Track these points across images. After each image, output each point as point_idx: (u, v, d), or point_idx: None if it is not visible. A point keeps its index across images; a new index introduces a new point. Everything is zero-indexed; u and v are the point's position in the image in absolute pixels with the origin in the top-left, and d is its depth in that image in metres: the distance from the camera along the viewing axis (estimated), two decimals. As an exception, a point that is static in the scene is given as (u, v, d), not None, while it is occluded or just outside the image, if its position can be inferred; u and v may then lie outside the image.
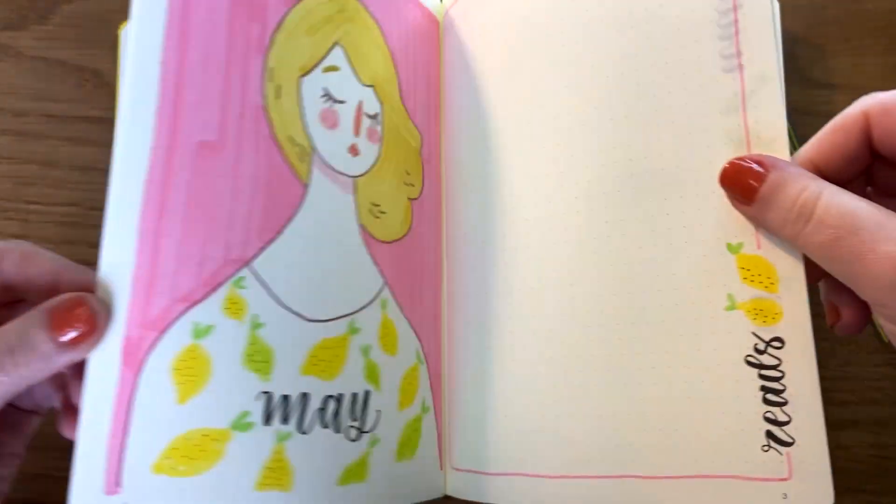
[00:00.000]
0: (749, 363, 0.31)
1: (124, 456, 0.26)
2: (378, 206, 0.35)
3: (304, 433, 0.31)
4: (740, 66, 0.31)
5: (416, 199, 0.38)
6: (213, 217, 0.29)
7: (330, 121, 0.34)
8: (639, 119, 0.33)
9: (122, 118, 0.27)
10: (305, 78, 0.33)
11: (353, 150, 0.34)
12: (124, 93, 0.28)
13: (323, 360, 0.32)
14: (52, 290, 0.28)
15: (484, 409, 0.36)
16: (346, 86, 0.35)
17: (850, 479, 0.39)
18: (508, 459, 0.35)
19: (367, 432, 0.33)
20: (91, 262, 0.30)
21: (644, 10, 0.33)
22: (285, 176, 0.32)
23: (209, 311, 0.29)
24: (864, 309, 0.31)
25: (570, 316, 0.34)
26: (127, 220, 0.27)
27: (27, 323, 0.26)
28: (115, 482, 0.26)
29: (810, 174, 0.27)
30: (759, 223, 0.30)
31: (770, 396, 0.30)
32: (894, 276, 0.24)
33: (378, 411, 0.34)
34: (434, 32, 0.41)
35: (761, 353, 0.30)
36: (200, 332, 0.29)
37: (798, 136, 0.40)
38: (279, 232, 0.31)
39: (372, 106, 0.36)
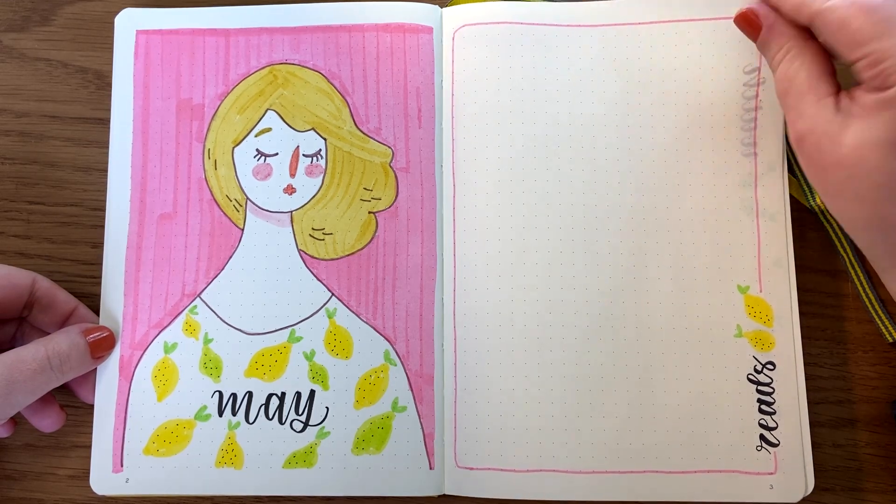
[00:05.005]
0: (749, 380, 0.39)
1: (124, 444, 0.39)
2: (321, 229, 0.41)
3: (250, 423, 0.39)
4: (755, 154, 0.40)
5: (385, 209, 0.41)
6: (172, 265, 0.41)
7: (263, 173, 0.41)
8: (669, 180, 0.40)
9: (108, 206, 0.41)
10: (238, 147, 0.42)
11: (289, 190, 0.41)
12: (109, 185, 0.42)
13: (264, 364, 0.39)
14: (65, 319, 0.40)
15: (499, 410, 0.39)
16: (279, 140, 0.42)
17: (846, 477, 0.39)
18: (527, 457, 0.38)
19: (314, 425, 0.39)
20: (92, 262, 0.43)
21: (685, 92, 0.41)
22: (224, 225, 0.41)
23: (174, 332, 0.40)
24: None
25: (597, 333, 0.39)
26: (116, 276, 0.41)
27: (73, 338, 0.38)
28: (119, 464, 0.39)
29: (787, 33, 0.35)
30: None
31: (764, 407, 0.38)
32: (799, 133, 0.33)
33: (326, 408, 0.39)
34: (418, 43, 0.42)
35: (759, 372, 0.39)
36: (169, 349, 0.40)
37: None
38: (221, 269, 0.41)
39: (311, 146, 0.42)
